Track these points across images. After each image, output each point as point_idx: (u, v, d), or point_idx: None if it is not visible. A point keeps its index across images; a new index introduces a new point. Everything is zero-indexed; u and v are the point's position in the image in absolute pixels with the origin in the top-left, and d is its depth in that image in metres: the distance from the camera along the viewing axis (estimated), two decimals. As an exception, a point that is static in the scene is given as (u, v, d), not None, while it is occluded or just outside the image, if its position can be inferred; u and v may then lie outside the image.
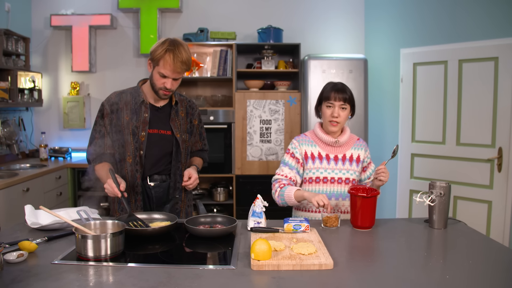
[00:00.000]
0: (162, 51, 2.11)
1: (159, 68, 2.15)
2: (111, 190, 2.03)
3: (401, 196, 4.37)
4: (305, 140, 2.36)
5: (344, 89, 2.27)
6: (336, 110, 2.25)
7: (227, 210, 4.69)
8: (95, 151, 2.24)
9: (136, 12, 4.97)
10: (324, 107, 2.29)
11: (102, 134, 2.25)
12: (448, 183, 2.08)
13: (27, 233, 1.92)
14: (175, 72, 2.15)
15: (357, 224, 2.06)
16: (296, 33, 5.02)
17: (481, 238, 1.98)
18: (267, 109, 4.55)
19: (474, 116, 3.71)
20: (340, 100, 2.24)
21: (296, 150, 2.34)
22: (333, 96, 2.24)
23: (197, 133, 2.51)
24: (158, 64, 2.14)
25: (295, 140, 2.38)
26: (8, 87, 4.18)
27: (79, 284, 1.39)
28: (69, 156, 4.87)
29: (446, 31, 3.90)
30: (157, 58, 2.13)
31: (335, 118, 2.25)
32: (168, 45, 2.12)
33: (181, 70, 2.16)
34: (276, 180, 2.35)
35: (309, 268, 1.53)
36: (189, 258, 1.74)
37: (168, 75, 2.15)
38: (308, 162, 2.32)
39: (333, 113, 2.25)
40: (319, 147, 2.34)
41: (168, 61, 2.11)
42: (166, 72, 2.14)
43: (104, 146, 2.24)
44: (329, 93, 2.26)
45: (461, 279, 1.47)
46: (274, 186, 2.34)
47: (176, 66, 2.12)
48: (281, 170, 2.36)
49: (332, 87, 2.28)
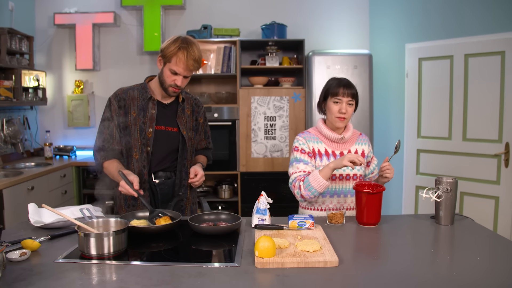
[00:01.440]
0: (175, 48, 2.11)
1: (171, 65, 2.15)
2: (126, 191, 2.04)
3: (407, 192, 4.33)
4: (310, 137, 2.32)
5: (351, 84, 2.25)
6: (344, 106, 2.21)
7: (232, 208, 4.67)
8: (104, 146, 2.23)
9: (140, 9, 4.96)
10: (331, 103, 2.25)
11: (111, 130, 2.24)
12: (455, 179, 2.05)
13: (30, 232, 1.92)
14: (187, 69, 2.15)
15: (363, 220, 2.04)
16: (300, 29, 4.99)
17: (489, 234, 1.95)
18: (272, 106, 4.53)
19: (480, 111, 3.67)
20: (349, 96, 2.21)
21: (305, 146, 2.28)
22: (342, 92, 2.20)
23: (202, 131, 2.50)
24: (170, 61, 2.14)
25: (300, 137, 2.32)
26: (13, 86, 4.18)
27: (82, 282, 1.38)
28: (74, 155, 4.88)
29: (452, 25, 3.86)
30: (169, 55, 2.13)
31: (343, 114, 2.22)
32: (181, 43, 2.13)
33: (193, 68, 2.17)
34: (294, 179, 2.22)
35: (314, 265, 1.51)
36: (193, 255, 1.73)
37: (180, 73, 2.15)
38: (316, 159, 2.28)
39: (341, 109, 2.21)
40: (325, 144, 2.30)
41: (181, 58, 2.12)
42: (179, 69, 2.14)
43: (113, 142, 2.24)
44: (336, 89, 2.22)
45: (469, 275, 1.45)
46: (295, 186, 2.20)
47: (189, 63, 2.13)
48: (296, 168, 2.24)
49: (339, 83, 2.24)
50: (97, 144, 2.26)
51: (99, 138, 2.26)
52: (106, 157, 2.23)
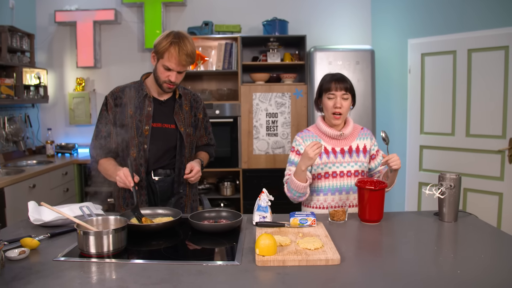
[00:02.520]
0: (167, 43, 2.09)
1: (163, 61, 2.12)
2: (124, 179, 2.02)
3: (409, 189, 4.31)
4: (308, 136, 2.31)
5: (343, 78, 2.23)
6: (338, 100, 2.19)
7: (234, 205, 4.66)
8: (100, 145, 2.22)
9: (140, 6, 4.94)
10: (326, 99, 2.24)
11: (108, 128, 2.23)
12: (459, 175, 2.02)
13: (30, 230, 1.91)
14: (180, 65, 2.13)
15: (365, 217, 2.02)
16: (301, 25, 4.96)
17: (493, 231, 1.93)
18: (273, 102, 4.50)
19: (484, 106, 3.64)
20: (342, 90, 2.19)
21: (301, 147, 2.28)
22: (334, 86, 2.19)
23: (202, 127, 2.47)
24: (162, 57, 2.12)
25: (298, 137, 2.32)
26: (14, 84, 4.17)
27: (81, 281, 1.37)
28: (76, 152, 4.88)
29: (455, 20, 3.83)
30: (161, 51, 2.11)
31: (338, 109, 2.20)
32: (173, 38, 2.10)
33: (186, 63, 2.14)
34: (285, 180, 2.30)
35: (316, 263, 1.49)
36: (193, 254, 1.71)
37: (173, 68, 2.13)
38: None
39: (335, 104, 2.20)
40: (324, 142, 2.28)
41: (173, 54, 2.09)
42: (171, 65, 2.12)
43: (110, 140, 2.22)
44: (329, 84, 2.21)
45: (473, 273, 1.42)
46: (285, 187, 2.28)
47: (181, 58, 2.10)
48: (289, 170, 2.29)
49: (331, 78, 2.23)
50: (93, 142, 2.26)
51: (96, 136, 2.26)
52: (102, 155, 2.22)
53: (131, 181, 2.02)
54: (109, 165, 2.17)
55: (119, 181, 2.06)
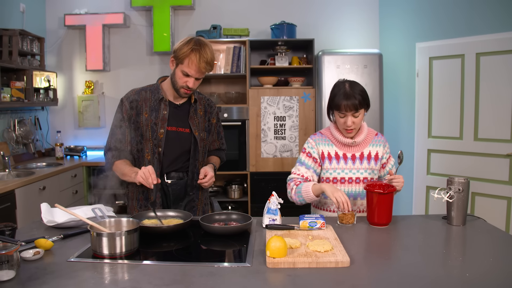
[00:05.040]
0: (188, 50, 2.10)
1: (183, 67, 2.14)
2: (147, 175, 2.03)
3: (417, 193, 4.31)
4: (321, 140, 2.30)
5: (353, 94, 2.12)
6: (350, 119, 2.14)
7: (241, 208, 4.68)
8: (115, 147, 2.24)
9: (149, 10, 4.98)
10: (337, 115, 2.20)
11: (123, 131, 2.25)
12: (467, 179, 2.03)
13: (43, 231, 1.94)
14: (199, 72, 2.14)
15: (374, 221, 2.03)
16: (309, 29, 4.98)
17: (502, 235, 1.93)
18: (281, 106, 4.52)
19: (492, 110, 3.63)
20: (352, 110, 2.12)
21: (313, 150, 2.28)
22: (344, 106, 2.12)
23: (215, 132, 2.49)
24: (182, 62, 2.13)
25: (311, 140, 2.32)
26: (24, 87, 4.22)
27: (95, 281, 1.39)
28: (85, 155, 4.92)
29: (462, 24, 3.83)
30: (181, 57, 2.12)
31: (350, 127, 2.17)
32: (194, 45, 2.11)
33: (205, 70, 2.15)
34: (291, 179, 2.28)
35: (325, 265, 1.51)
36: (204, 255, 1.73)
37: (191, 74, 2.14)
38: (325, 162, 2.26)
39: (346, 122, 2.16)
40: (336, 147, 2.28)
41: (193, 60, 2.10)
42: (190, 71, 2.13)
43: (125, 143, 2.25)
44: (339, 103, 2.13)
45: (482, 277, 1.43)
46: (289, 185, 2.26)
47: (201, 66, 2.11)
48: (297, 169, 2.28)
49: (341, 95, 2.13)
50: (108, 144, 2.28)
51: (111, 138, 2.27)
52: (117, 156, 2.24)
53: (155, 178, 2.03)
54: (125, 166, 2.19)
55: (141, 176, 2.04)
